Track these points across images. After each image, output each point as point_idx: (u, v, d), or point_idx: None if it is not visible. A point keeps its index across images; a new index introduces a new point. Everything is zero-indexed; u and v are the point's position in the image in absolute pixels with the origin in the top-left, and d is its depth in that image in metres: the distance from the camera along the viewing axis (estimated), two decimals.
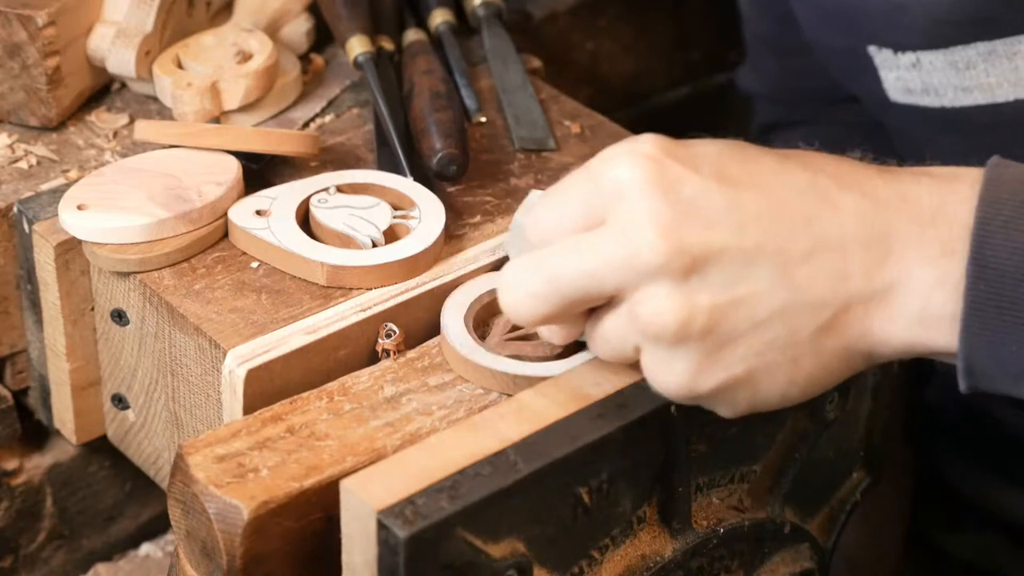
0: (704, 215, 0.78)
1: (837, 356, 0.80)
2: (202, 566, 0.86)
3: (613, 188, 0.79)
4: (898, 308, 0.78)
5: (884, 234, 0.78)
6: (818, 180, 0.79)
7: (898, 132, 1.11)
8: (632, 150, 0.79)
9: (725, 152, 0.80)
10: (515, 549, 0.82)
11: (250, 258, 0.99)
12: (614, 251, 0.78)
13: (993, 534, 1.20)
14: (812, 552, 0.96)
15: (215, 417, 0.95)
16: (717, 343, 0.78)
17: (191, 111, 1.07)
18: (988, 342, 0.77)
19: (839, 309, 0.78)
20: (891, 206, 0.79)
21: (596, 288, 0.79)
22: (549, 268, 0.80)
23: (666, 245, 0.77)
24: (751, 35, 1.26)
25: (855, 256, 0.78)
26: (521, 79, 1.14)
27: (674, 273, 0.77)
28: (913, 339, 0.79)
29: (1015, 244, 0.76)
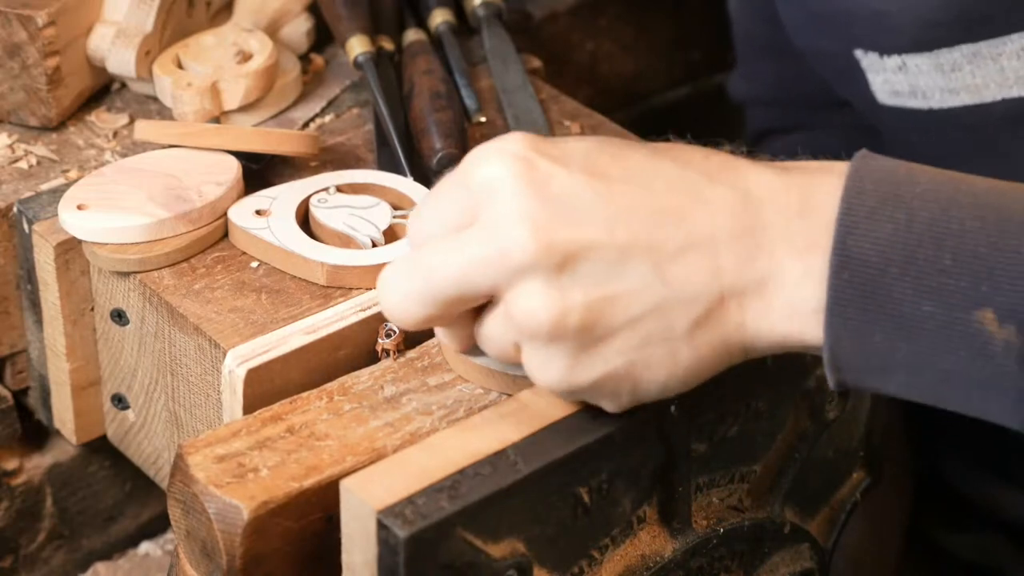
0: (574, 211, 0.78)
1: (714, 349, 0.80)
2: (202, 566, 0.86)
3: (482, 187, 0.79)
4: (770, 302, 0.79)
5: (754, 227, 0.78)
6: (688, 175, 0.79)
7: (889, 134, 1.11)
8: (500, 148, 0.79)
9: (595, 148, 0.80)
10: (515, 549, 0.82)
11: (250, 258, 0.99)
12: (484, 250, 0.78)
13: (993, 534, 1.20)
14: (812, 552, 0.96)
15: (215, 417, 0.95)
16: (593, 339, 0.79)
17: (191, 111, 1.07)
18: (852, 332, 0.77)
19: (713, 303, 0.79)
20: (760, 200, 0.79)
21: (470, 288, 0.79)
22: (422, 269, 0.80)
23: (535, 242, 0.77)
24: (742, 40, 1.26)
25: (727, 250, 0.78)
26: (521, 79, 1.14)
27: (545, 270, 0.77)
28: (786, 333, 0.79)
29: (877, 234, 0.76)
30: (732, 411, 0.89)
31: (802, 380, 0.92)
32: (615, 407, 0.82)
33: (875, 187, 0.77)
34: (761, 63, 1.25)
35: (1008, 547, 1.19)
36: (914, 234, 0.76)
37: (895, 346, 0.77)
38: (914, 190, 0.77)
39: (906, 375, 0.77)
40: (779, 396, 0.91)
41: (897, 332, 0.76)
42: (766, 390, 0.90)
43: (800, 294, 0.78)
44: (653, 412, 0.84)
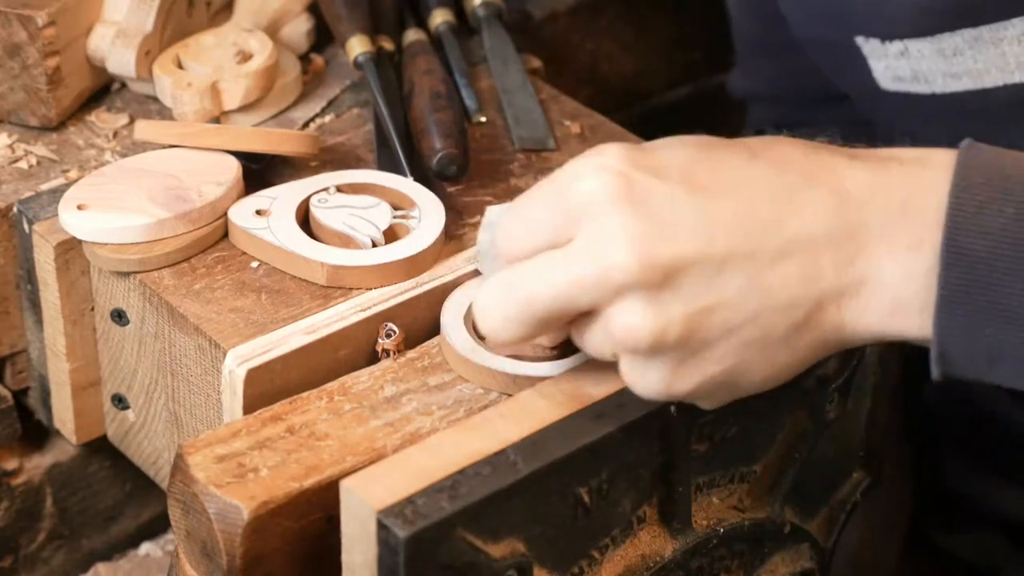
0: (673, 226, 0.78)
1: (812, 348, 0.81)
2: (202, 566, 0.86)
3: (580, 204, 0.78)
4: (869, 300, 0.79)
5: (853, 229, 0.79)
6: (786, 179, 0.79)
7: (889, 123, 1.11)
8: (598, 165, 0.79)
9: (692, 156, 0.80)
10: (515, 549, 0.82)
11: (250, 258, 0.99)
12: (585, 270, 0.78)
13: (993, 533, 1.20)
14: (812, 552, 0.96)
15: (215, 417, 0.95)
16: (691, 350, 0.79)
17: (191, 111, 1.07)
18: (962, 327, 0.77)
19: (812, 308, 0.79)
20: (859, 200, 0.79)
21: (570, 307, 0.79)
22: (522, 290, 0.80)
23: (637, 262, 0.77)
24: (741, 37, 1.26)
25: (825, 254, 0.79)
26: (521, 79, 1.14)
27: (646, 287, 0.77)
28: (885, 328, 0.80)
29: (988, 229, 0.76)
30: (732, 411, 0.89)
31: (802, 380, 0.92)
32: (710, 406, 0.83)
33: (984, 179, 0.77)
34: (760, 60, 1.25)
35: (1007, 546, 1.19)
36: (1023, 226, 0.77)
37: (1005, 339, 0.77)
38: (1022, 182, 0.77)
39: (1014, 365, 0.78)
40: (779, 396, 0.91)
41: (1007, 325, 0.77)
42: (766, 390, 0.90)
43: (904, 292, 0.78)
44: (653, 412, 0.84)
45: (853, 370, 0.94)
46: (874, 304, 0.79)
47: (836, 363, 0.92)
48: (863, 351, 0.94)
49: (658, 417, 0.85)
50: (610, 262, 0.77)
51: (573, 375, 0.87)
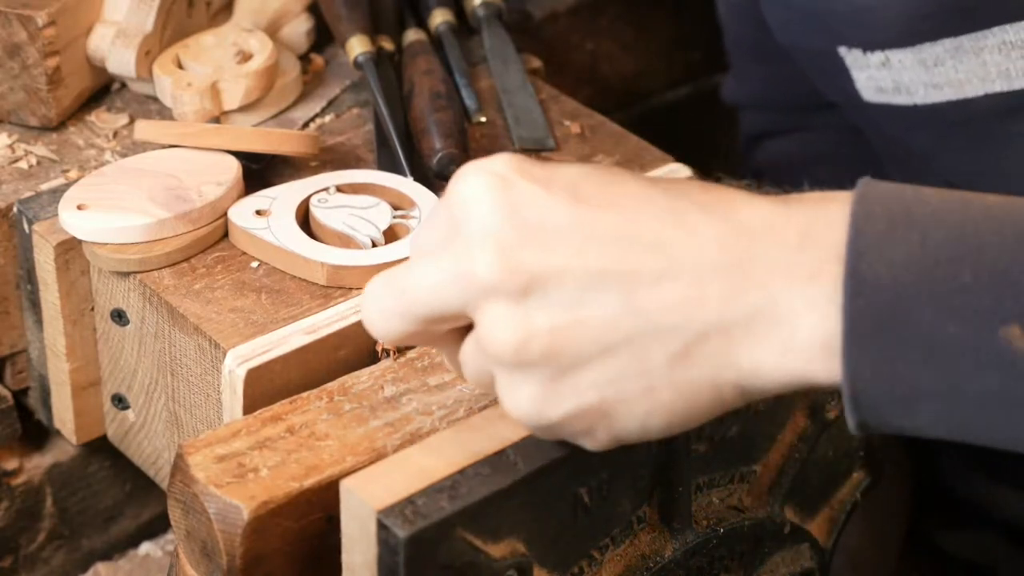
0: (546, 235, 0.75)
1: (699, 388, 0.76)
2: (202, 566, 0.86)
3: (460, 207, 0.77)
4: (764, 337, 0.74)
5: (745, 260, 0.74)
6: (678, 205, 0.76)
7: (875, 133, 1.10)
8: (483, 168, 0.77)
9: (586, 174, 0.78)
10: (515, 549, 0.82)
11: (250, 258, 0.99)
12: (452, 269, 0.76)
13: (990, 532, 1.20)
14: (812, 552, 0.96)
15: (215, 417, 0.95)
16: (562, 367, 0.76)
17: (191, 111, 1.07)
18: (873, 363, 0.72)
19: (693, 339, 0.75)
20: (755, 233, 0.75)
21: (441, 306, 0.77)
22: (398, 286, 0.78)
23: (500, 263, 0.75)
24: (732, 44, 1.25)
25: (712, 282, 0.74)
26: (521, 79, 1.14)
27: (510, 292, 0.75)
28: (788, 370, 0.74)
29: (891, 257, 0.72)
30: (732, 411, 0.89)
31: None
32: (593, 446, 0.79)
33: (884, 209, 0.74)
34: (752, 66, 1.25)
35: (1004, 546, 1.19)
36: (930, 253, 0.72)
37: (920, 374, 0.72)
38: (925, 209, 0.74)
39: (934, 405, 0.73)
40: (779, 396, 0.91)
41: (921, 359, 0.72)
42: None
43: (802, 327, 0.73)
44: None
45: None
46: (770, 341, 0.74)
47: None
48: None
49: None
50: (475, 262, 0.76)
51: None
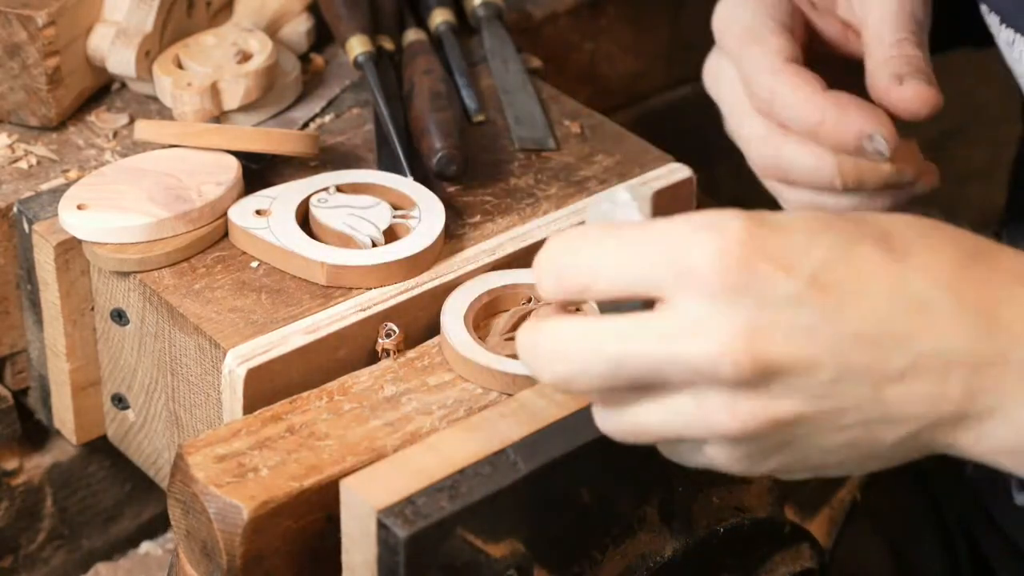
0: (796, 331, 0.71)
1: (909, 455, 0.75)
2: (202, 566, 0.86)
3: (687, 272, 0.71)
4: (990, 433, 0.73)
5: (995, 360, 0.72)
6: (933, 295, 0.72)
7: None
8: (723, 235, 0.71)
9: (832, 252, 0.72)
10: (515, 549, 0.82)
11: (250, 258, 0.99)
12: (687, 350, 0.71)
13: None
14: (812, 552, 0.96)
15: (215, 417, 0.95)
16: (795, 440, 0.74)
17: (191, 111, 1.07)
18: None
19: (928, 426, 0.73)
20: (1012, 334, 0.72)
21: (657, 379, 0.73)
22: (613, 352, 0.72)
23: (749, 361, 0.70)
24: None
25: (956, 379, 0.72)
26: (521, 79, 1.14)
27: (754, 384, 0.71)
28: (997, 463, 0.74)
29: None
30: None
31: None
32: (789, 478, 0.78)
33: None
34: None
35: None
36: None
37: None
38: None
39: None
40: None
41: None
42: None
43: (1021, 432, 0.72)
44: None
45: None
46: (995, 439, 0.73)
47: None
48: None
49: None
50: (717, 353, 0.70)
51: None
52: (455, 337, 0.92)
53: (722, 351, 0.70)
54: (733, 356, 0.70)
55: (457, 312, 0.94)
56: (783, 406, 0.72)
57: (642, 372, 0.72)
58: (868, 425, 0.73)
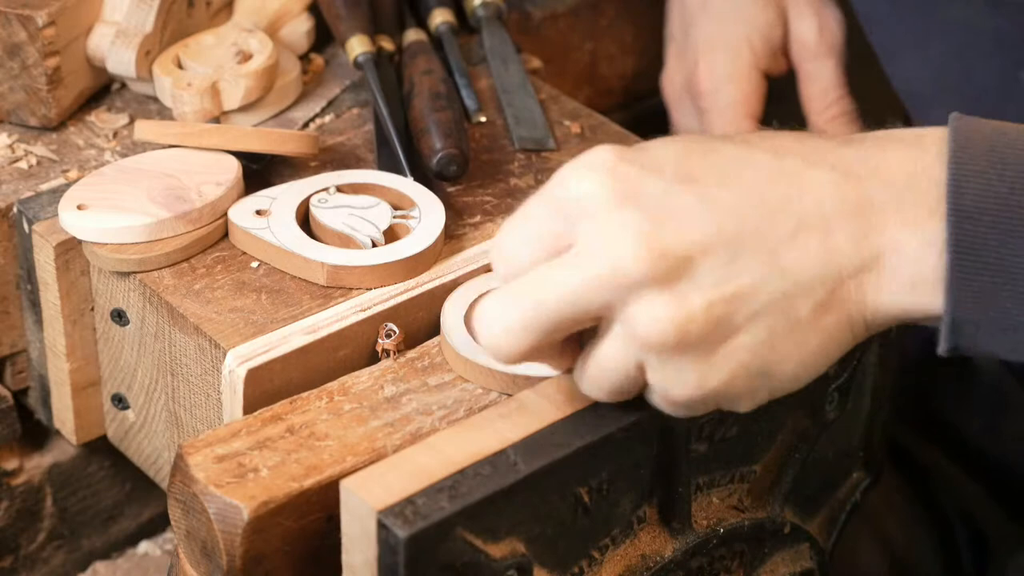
0: (678, 216, 0.77)
1: (840, 330, 0.79)
2: (202, 566, 0.86)
3: (577, 207, 0.77)
4: (889, 275, 0.78)
5: (862, 204, 0.78)
6: (785, 162, 0.79)
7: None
8: (588, 164, 0.78)
9: (684, 149, 0.79)
10: (515, 549, 0.82)
11: (250, 258, 0.99)
12: (595, 268, 0.76)
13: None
14: (812, 552, 0.96)
15: (215, 417, 0.95)
16: (719, 339, 0.77)
17: (191, 111, 1.07)
18: (975, 292, 0.76)
19: (833, 285, 0.78)
20: (863, 175, 0.78)
21: (581, 312, 0.77)
22: (528, 299, 0.78)
23: (648, 253, 0.76)
24: None
25: (837, 230, 0.78)
26: (521, 79, 1.14)
27: (662, 279, 0.76)
28: (908, 304, 0.79)
29: (993, 192, 0.76)
30: (732, 411, 0.89)
31: None
32: (750, 407, 0.81)
33: (983, 145, 0.77)
34: None
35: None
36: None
37: (1019, 305, 0.76)
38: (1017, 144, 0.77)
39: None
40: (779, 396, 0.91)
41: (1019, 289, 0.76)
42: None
43: (924, 265, 0.77)
44: (653, 412, 0.84)
45: (853, 370, 0.94)
46: (894, 278, 0.78)
47: (836, 363, 0.92)
48: (863, 351, 0.94)
49: (658, 417, 0.85)
50: (620, 258, 0.76)
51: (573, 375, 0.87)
52: (455, 337, 0.92)
53: (622, 255, 0.76)
54: (634, 255, 0.76)
55: (457, 312, 0.94)
56: (694, 300, 0.76)
57: (564, 310, 0.77)
58: (780, 303, 0.77)
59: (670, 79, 1.26)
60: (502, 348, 0.79)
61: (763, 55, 1.21)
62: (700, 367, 0.78)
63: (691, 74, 1.22)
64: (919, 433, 1.20)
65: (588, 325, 0.79)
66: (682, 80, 1.24)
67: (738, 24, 1.21)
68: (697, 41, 1.22)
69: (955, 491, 1.19)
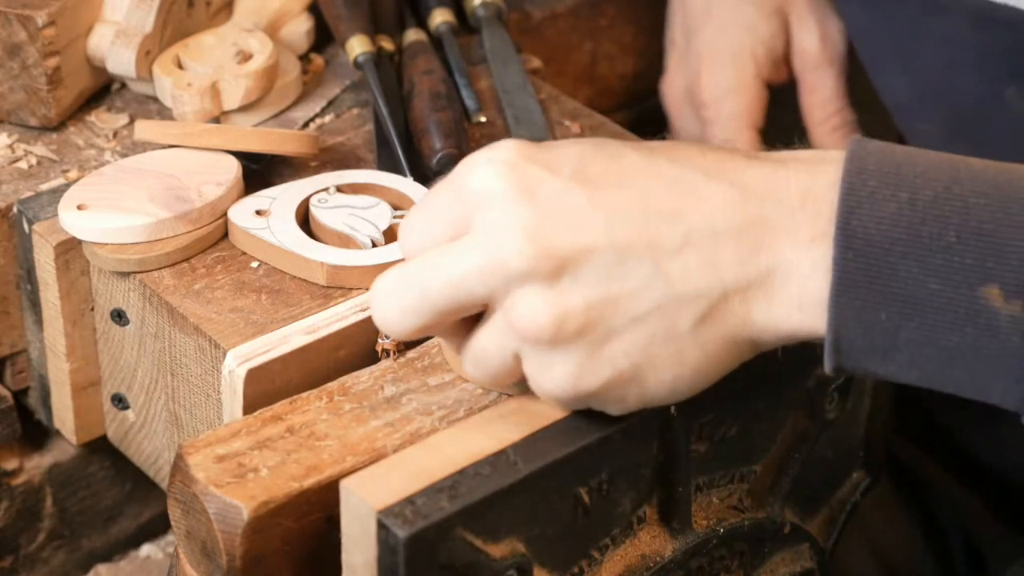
0: (568, 216, 0.78)
1: (721, 346, 0.80)
2: (202, 566, 0.86)
3: (474, 197, 0.79)
4: (776, 295, 0.79)
5: (754, 222, 0.79)
6: (684, 173, 0.80)
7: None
8: (491, 158, 0.80)
9: (587, 152, 0.81)
10: (515, 549, 0.82)
11: (250, 258, 0.99)
12: (480, 258, 0.78)
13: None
14: (812, 552, 0.96)
15: (215, 417, 0.95)
16: (596, 341, 0.79)
17: (191, 111, 1.07)
18: (857, 312, 0.77)
19: (716, 300, 0.79)
20: (759, 194, 0.79)
21: (465, 297, 0.79)
22: (417, 281, 0.80)
23: (532, 249, 0.77)
24: None
25: (726, 246, 0.78)
26: (521, 79, 1.14)
27: (543, 276, 0.78)
28: (795, 324, 0.79)
29: (881, 214, 0.76)
30: (732, 411, 0.89)
31: (802, 380, 0.92)
32: (620, 411, 0.82)
33: (876, 167, 0.78)
34: None
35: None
36: (918, 212, 0.76)
37: (900, 325, 0.77)
38: (915, 169, 0.78)
39: (909, 355, 0.77)
40: (779, 396, 0.91)
41: (902, 311, 0.77)
42: (766, 390, 0.90)
43: (810, 286, 0.78)
44: (653, 412, 0.84)
45: None
46: (781, 298, 0.79)
47: None
48: None
49: (658, 417, 0.85)
50: (505, 251, 0.78)
51: None
52: None
53: (507, 248, 0.77)
54: (518, 249, 0.77)
55: None
56: (574, 297, 0.78)
57: (448, 294, 0.79)
58: (661, 309, 0.78)
59: (671, 86, 1.26)
60: (392, 327, 0.82)
61: (766, 65, 1.21)
62: (574, 366, 0.79)
63: (693, 83, 1.23)
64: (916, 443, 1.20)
65: (475, 311, 0.81)
66: (684, 88, 1.25)
67: (742, 34, 1.21)
68: (700, 50, 1.23)
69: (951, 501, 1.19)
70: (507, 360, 0.81)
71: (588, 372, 0.79)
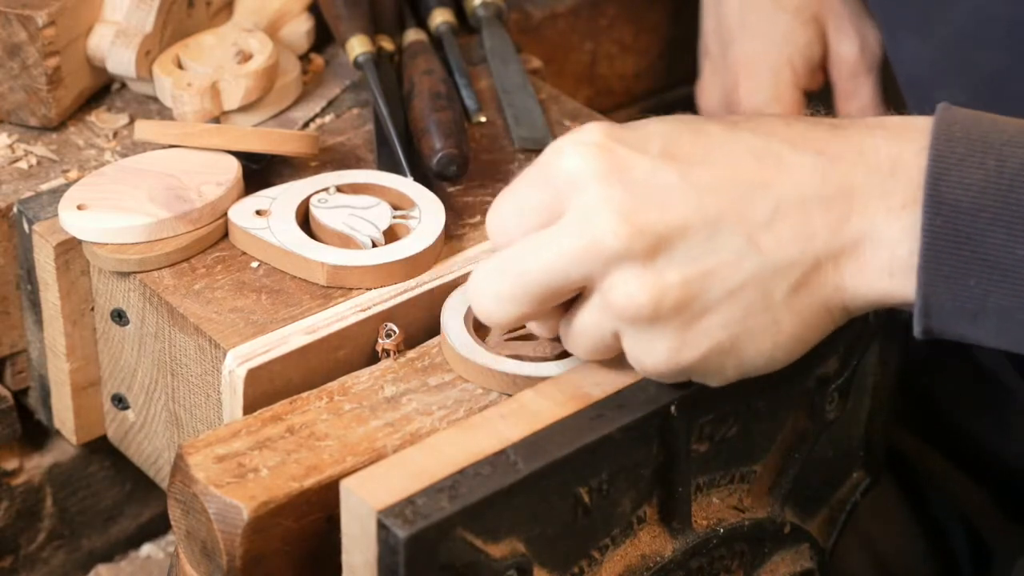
0: (659, 194, 0.79)
1: (815, 313, 0.81)
2: (202, 566, 0.86)
3: (565, 181, 0.80)
4: (868, 261, 0.80)
5: (844, 189, 0.80)
6: (770, 144, 0.81)
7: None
8: (579, 140, 0.80)
9: (673, 129, 0.82)
10: (515, 549, 0.82)
11: (250, 258, 0.99)
12: (575, 243, 0.79)
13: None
14: (812, 552, 0.96)
15: (215, 417, 0.95)
16: (694, 315, 0.80)
17: (191, 111, 1.07)
18: (946, 277, 0.78)
19: (809, 267, 0.80)
20: (848, 161, 0.80)
21: (563, 282, 0.81)
22: (514, 268, 0.81)
23: (626, 229, 0.78)
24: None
25: (817, 214, 0.79)
26: (521, 79, 1.14)
27: (639, 255, 0.79)
28: (885, 290, 0.80)
29: (969, 181, 0.77)
30: (732, 411, 0.89)
31: (802, 380, 0.92)
32: (720, 383, 0.83)
33: (963, 134, 0.78)
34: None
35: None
36: (1005, 179, 0.77)
37: (988, 291, 0.78)
38: (1002, 136, 0.78)
39: (997, 320, 0.79)
40: (779, 396, 0.91)
41: (991, 277, 0.78)
42: (766, 390, 0.90)
43: (900, 251, 0.79)
44: (653, 412, 0.84)
45: (853, 370, 0.94)
46: (872, 264, 0.80)
47: (836, 363, 0.93)
48: (864, 351, 0.94)
49: (658, 417, 0.85)
50: (600, 233, 0.78)
51: (573, 375, 0.87)
52: (455, 337, 0.92)
53: (603, 230, 0.78)
54: (613, 230, 0.78)
55: (457, 312, 0.94)
56: (670, 274, 0.79)
57: (546, 280, 0.80)
58: (756, 280, 0.79)
59: (707, 95, 1.27)
60: (492, 316, 0.83)
61: (803, 74, 1.22)
62: (673, 341, 0.80)
63: (731, 93, 1.23)
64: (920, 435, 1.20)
65: (572, 295, 0.82)
66: (720, 98, 1.25)
67: (779, 43, 1.21)
68: (737, 59, 1.23)
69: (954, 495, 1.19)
70: (606, 339, 0.82)
71: (687, 346, 0.80)
